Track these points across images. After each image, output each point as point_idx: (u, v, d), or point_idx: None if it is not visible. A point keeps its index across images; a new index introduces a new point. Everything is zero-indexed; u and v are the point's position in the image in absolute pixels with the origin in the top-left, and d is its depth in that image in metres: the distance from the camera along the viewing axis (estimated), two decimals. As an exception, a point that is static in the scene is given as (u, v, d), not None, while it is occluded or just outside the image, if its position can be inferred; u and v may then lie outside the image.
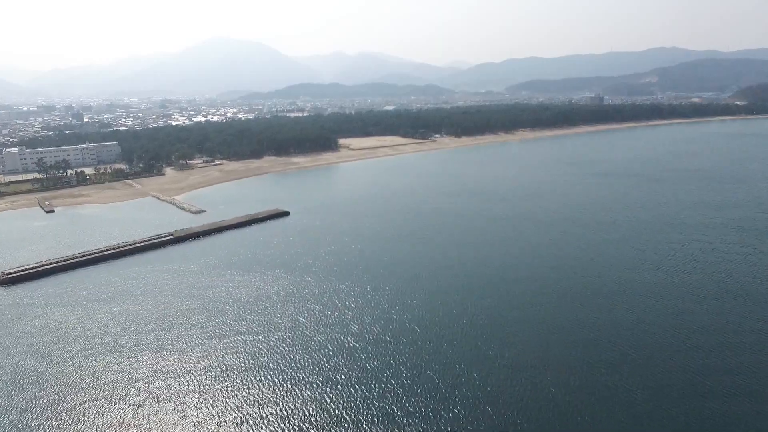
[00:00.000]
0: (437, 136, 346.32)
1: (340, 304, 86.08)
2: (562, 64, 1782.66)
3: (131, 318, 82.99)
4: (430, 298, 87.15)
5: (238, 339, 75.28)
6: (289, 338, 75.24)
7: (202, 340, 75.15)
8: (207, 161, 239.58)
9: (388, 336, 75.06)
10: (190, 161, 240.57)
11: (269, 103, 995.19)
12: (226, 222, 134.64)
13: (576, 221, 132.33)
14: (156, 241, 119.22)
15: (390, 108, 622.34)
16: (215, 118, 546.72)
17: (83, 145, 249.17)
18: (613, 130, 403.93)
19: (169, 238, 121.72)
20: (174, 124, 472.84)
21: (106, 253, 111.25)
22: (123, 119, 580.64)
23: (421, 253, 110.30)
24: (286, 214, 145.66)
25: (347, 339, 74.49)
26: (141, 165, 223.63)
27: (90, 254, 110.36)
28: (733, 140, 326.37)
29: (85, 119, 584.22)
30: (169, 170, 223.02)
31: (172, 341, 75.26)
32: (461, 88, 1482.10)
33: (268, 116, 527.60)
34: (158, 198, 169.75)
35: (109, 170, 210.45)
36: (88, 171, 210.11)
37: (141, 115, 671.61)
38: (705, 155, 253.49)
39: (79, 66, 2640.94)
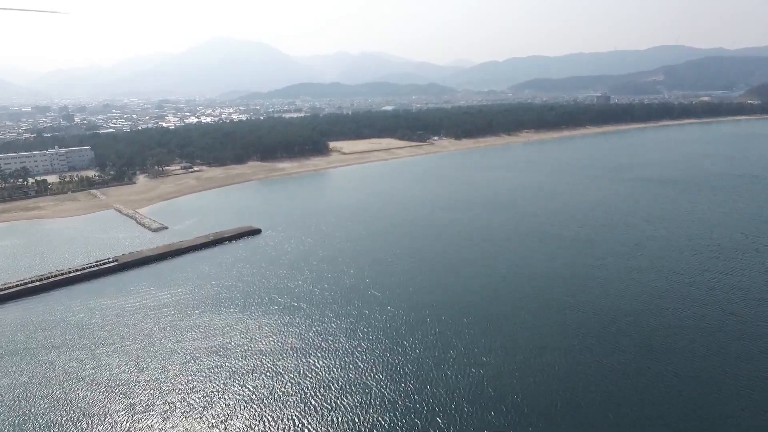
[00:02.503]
0: (436, 138, 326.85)
1: (303, 364, 67.52)
2: (565, 63, 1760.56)
3: (31, 384, 64.91)
4: (420, 355, 68.53)
5: (158, 424, 56.89)
6: (225, 419, 56.84)
7: (107, 427, 56.84)
8: (185, 168, 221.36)
9: (358, 417, 56.63)
10: (168, 167, 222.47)
11: (268, 103, 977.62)
12: (185, 243, 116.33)
13: (591, 241, 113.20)
14: (95, 269, 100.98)
15: (389, 108, 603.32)
16: (208, 119, 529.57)
17: (53, 150, 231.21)
18: (623, 131, 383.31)
19: (112, 264, 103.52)
20: (164, 125, 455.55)
21: (30, 285, 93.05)
22: (114, 120, 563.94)
23: (411, 286, 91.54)
24: (256, 232, 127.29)
25: (306, 423, 56.03)
26: (112, 172, 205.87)
27: (11, 287, 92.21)
28: (756, 141, 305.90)
29: (76, 120, 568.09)
30: (141, 178, 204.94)
31: (65, 425, 57.02)
32: (464, 87, 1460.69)
33: (261, 117, 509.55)
34: (120, 211, 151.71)
35: (76, 178, 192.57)
36: (52, 179, 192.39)
37: (135, 116, 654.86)
38: (731, 159, 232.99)
39: (81, 67, 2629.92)
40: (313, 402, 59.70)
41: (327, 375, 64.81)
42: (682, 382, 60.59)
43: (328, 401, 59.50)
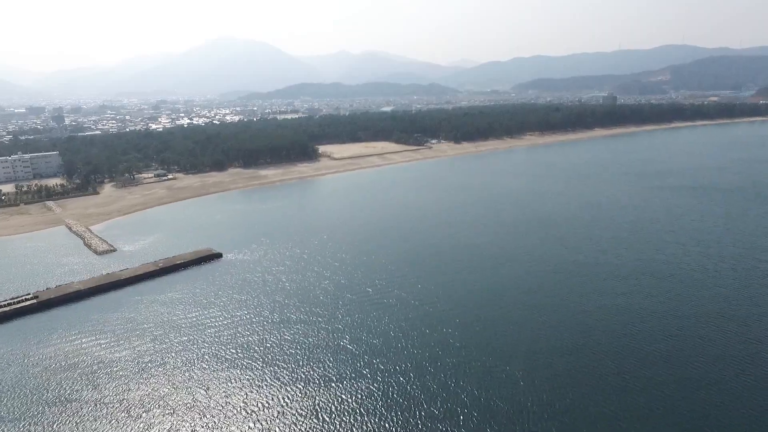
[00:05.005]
0: (434, 141, 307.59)
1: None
2: (569, 63, 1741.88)
3: None
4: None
5: None
6: None
7: None
8: (159, 175, 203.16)
9: None
10: (141, 175, 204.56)
11: (267, 103, 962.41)
12: (126, 273, 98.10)
13: (613, 269, 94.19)
14: (7, 309, 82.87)
15: (388, 109, 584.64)
16: (200, 121, 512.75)
17: (15, 156, 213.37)
18: (633, 134, 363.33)
19: (30, 302, 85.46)
20: (154, 127, 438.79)
21: None
22: (104, 122, 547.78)
23: (395, 336, 73.03)
24: (217, 256, 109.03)
25: None
26: (78, 180, 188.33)
27: None
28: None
29: (68, 122, 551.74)
30: (108, 187, 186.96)
31: None
32: (466, 87, 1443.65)
33: (255, 119, 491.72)
34: (70, 229, 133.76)
35: (34, 188, 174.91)
36: (8, 189, 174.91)
37: (128, 117, 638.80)
38: (762, 164, 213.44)
39: (84, 67, 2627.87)
40: None
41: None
42: None
43: None
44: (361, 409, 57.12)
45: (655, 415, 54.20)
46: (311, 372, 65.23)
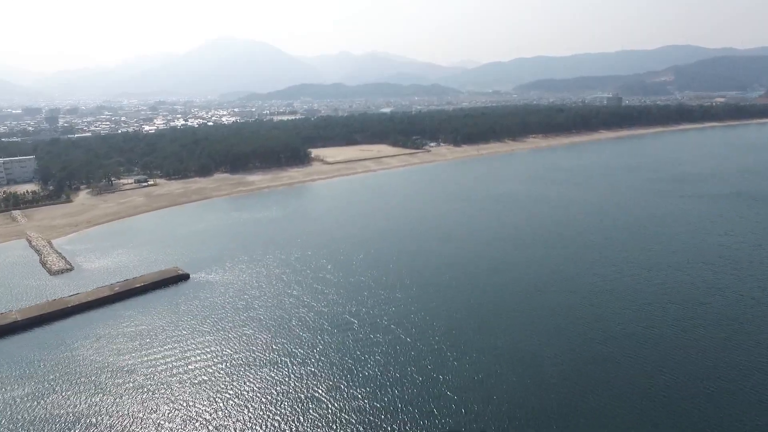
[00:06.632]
0: (433, 144, 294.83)
1: None
2: (572, 63, 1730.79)
3: None
4: None
5: None
6: None
7: None
8: (139, 181, 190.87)
9: None
10: (120, 180, 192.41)
11: (267, 104, 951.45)
12: (76, 299, 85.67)
13: (638, 298, 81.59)
14: (-76, 347, 70.73)
15: (387, 110, 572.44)
16: (196, 122, 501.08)
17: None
18: (640, 136, 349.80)
19: (-46, 338, 73.29)
20: (147, 128, 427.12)
21: None
22: (97, 123, 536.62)
23: (385, 391, 60.65)
24: (183, 278, 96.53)
25: None
26: (51, 187, 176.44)
27: None
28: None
29: (62, 123, 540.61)
30: (83, 194, 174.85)
31: None
32: (468, 87, 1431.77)
33: (251, 120, 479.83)
34: (30, 243, 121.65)
35: (2, 195, 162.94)
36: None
37: (123, 118, 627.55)
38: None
39: (86, 67, 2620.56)
40: None
41: None
42: None
43: None
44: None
45: None
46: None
